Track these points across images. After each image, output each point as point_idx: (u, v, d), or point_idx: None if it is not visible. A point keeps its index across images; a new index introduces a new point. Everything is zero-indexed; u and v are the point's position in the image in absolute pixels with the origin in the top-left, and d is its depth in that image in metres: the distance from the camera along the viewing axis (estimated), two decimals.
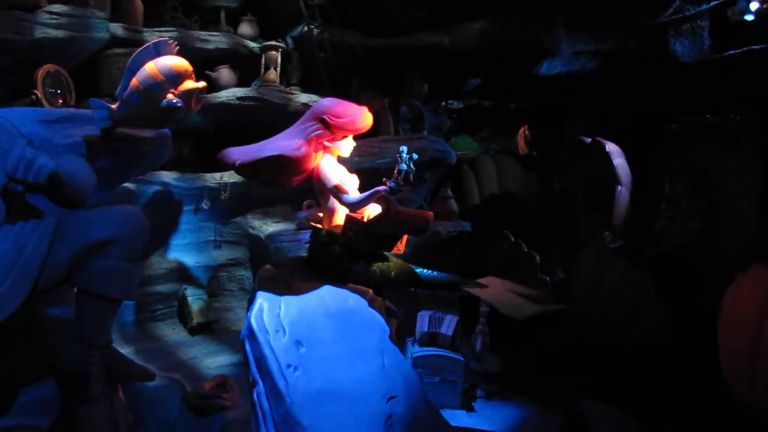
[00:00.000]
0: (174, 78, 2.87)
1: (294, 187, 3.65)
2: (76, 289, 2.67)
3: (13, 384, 3.02)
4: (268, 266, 3.71)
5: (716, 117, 4.02)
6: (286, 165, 3.39)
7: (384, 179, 3.27)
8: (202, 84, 2.98)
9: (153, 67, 2.85)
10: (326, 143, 3.43)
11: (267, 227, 5.46)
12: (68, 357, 2.64)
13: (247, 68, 5.57)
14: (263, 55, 5.61)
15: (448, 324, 4.77)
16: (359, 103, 3.55)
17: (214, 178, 5.41)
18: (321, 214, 3.72)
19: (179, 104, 2.85)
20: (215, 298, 5.69)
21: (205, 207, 5.32)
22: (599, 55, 6.45)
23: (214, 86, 5.41)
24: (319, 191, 3.60)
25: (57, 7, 4.60)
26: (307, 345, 3.19)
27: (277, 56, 5.55)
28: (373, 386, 3.17)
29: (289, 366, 3.08)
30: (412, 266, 3.58)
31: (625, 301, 4.05)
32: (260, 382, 3.15)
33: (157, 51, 2.91)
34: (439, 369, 4.61)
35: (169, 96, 2.86)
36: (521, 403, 4.56)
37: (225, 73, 5.42)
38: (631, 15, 6.05)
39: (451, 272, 3.82)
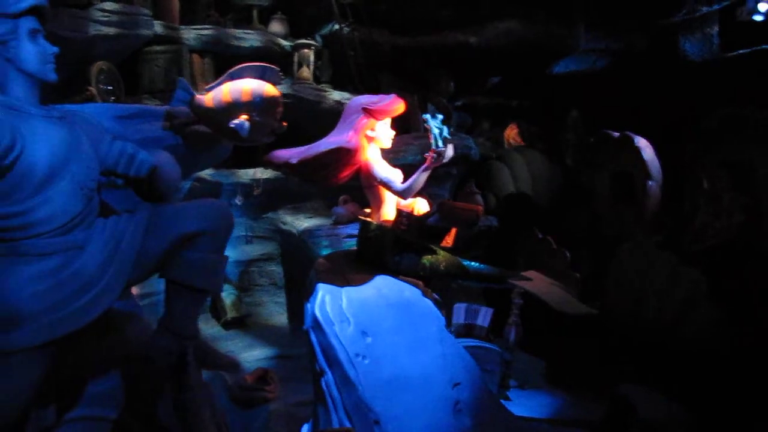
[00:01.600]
0: (259, 105, 2.96)
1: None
2: (164, 281, 2.74)
3: (83, 375, 3.10)
4: (322, 260, 3.80)
5: (758, 109, 4.08)
6: (339, 159, 3.50)
7: (424, 155, 3.38)
8: (281, 125, 3.06)
9: (248, 86, 2.94)
10: (369, 132, 3.53)
11: (299, 223, 5.55)
12: (159, 348, 2.71)
13: (278, 66, 5.63)
14: (295, 53, 5.69)
15: (484, 316, 4.88)
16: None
17: (247, 174, 5.50)
18: (368, 209, 3.81)
19: (242, 132, 2.94)
20: (246, 293, 5.77)
21: (238, 203, 5.39)
22: (609, 53, 6.58)
23: None
24: (367, 185, 3.69)
25: (108, 5, 4.70)
26: (372, 335, 3.27)
27: (310, 54, 5.64)
28: (437, 373, 3.27)
29: (357, 355, 3.18)
30: (460, 259, 3.68)
31: (675, 298, 4.10)
32: (328, 372, 3.24)
33: (262, 74, 2.99)
34: (476, 359, 4.71)
35: (243, 118, 2.94)
36: (554, 392, 4.67)
37: None
38: (644, 14, 6.17)
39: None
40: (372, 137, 3.53)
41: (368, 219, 3.74)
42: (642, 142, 5.01)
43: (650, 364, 3.94)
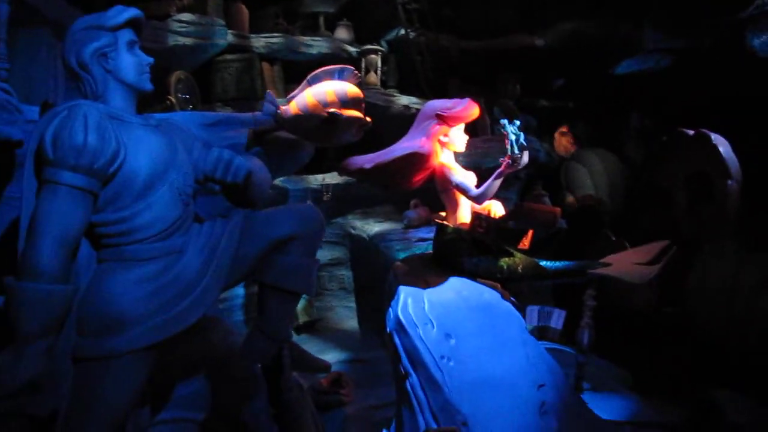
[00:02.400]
0: (344, 104, 3.00)
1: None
2: (257, 285, 2.79)
3: (173, 378, 3.18)
4: (400, 263, 3.82)
5: None
6: (413, 164, 3.53)
7: (500, 159, 3.38)
8: (367, 119, 3.11)
9: (330, 87, 2.99)
10: (443, 138, 3.55)
11: (369, 227, 5.59)
12: (255, 350, 2.77)
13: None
14: (362, 59, 5.75)
15: (557, 318, 4.85)
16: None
17: (316, 180, 5.56)
18: (443, 213, 3.82)
19: (340, 116, 2.98)
20: (316, 298, 5.84)
21: None
22: (675, 52, 6.48)
23: None
24: (442, 189, 3.71)
25: (185, 16, 4.84)
26: (455, 337, 3.29)
27: (377, 60, 5.69)
28: (522, 375, 3.27)
29: (442, 357, 3.19)
30: (536, 260, 3.67)
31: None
32: (413, 374, 3.25)
33: (340, 75, 3.05)
34: None
35: (333, 108, 2.98)
36: (629, 396, 4.60)
37: None
38: (710, 12, 6.06)
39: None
40: (445, 142, 3.54)
41: (444, 222, 3.75)
42: (719, 140, 4.84)
43: (738, 368, 3.85)
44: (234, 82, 5.40)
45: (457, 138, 3.60)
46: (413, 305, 3.40)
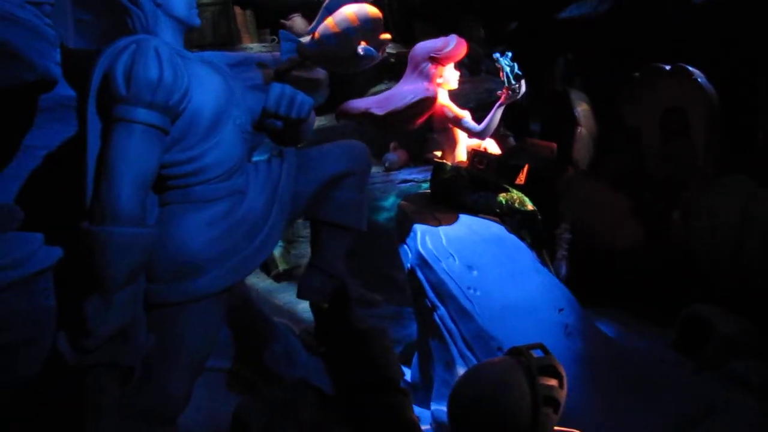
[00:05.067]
0: (369, 26, 3.01)
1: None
2: (310, 222, 2.80)
3: None
4: (405, 202, 3.89)
5: None
6: (422, 109, 3.58)
7: (497, 93, 3.48)
8: (389, 36, 3.12)
9: (352, 12, 2.98)
10: (438, 79, 3.62)
11: None
12: (311, 288, 2.78)
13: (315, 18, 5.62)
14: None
15: None
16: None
17: None
18: (438, 152, 3.90)
19: (376, 55, 2.99)
20: (291, 245, 5.81)
21: None
22: None
23: None
24: (440, 128, 3.79)
25: None
26: (476, 268, 3.42)
27: None
28: (542, 300, 3.43)
29: (469, 288, 3.31)
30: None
31: None
32: (441, 306, 3.37)
33: None
34: None
35: (363, 44, 2.98)
36: (608, 318, 4.77)
37: (298, 21, 5.47)
38: None
39: None
40: (441, 83, 3.60)
41: (442, 161, 3.82)
42: (697, 72, 4.80)
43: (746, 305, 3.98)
44: (210, 27, 5.26)
45: (451, 76, 3.67)
46: (431, 241, 3.49)
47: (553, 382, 2.05)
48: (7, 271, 2.04)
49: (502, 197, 3.77)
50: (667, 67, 4.97)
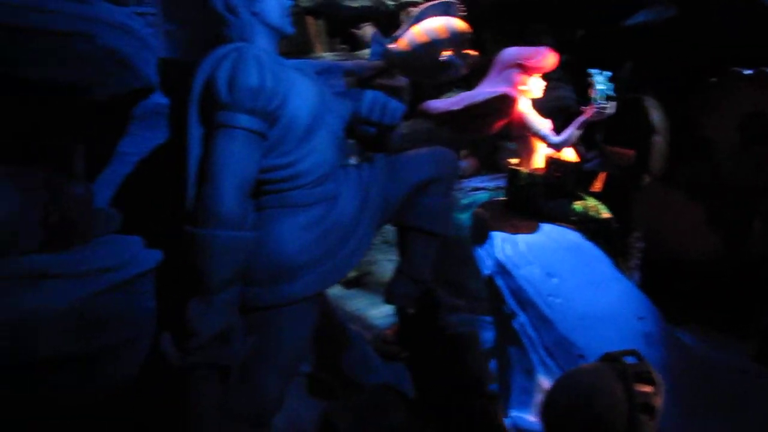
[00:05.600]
0: (457, 39, 3.03)
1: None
2: (398, 228, 2.81)
3: None
4: (480, 210, 3.88)
5: None
6: (499, 109, 3.58)
7: (581, 108, 3.45)
8: (475, 53, 3.14)
9: (441, 24, 3.01)
10: (521, 86, 3.60)
11: None
12: (399, 294, 2.80)
13: (387, 26, 5.68)
14: (401, 13, 5.72)
15: None
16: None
17: None
18: (514, 160, 3.88)
19: (460, 64, 3.01)
20: None
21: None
22: (677, 2, 6.47)
23: (358, 44, 5.52)
24: (518, 135, 3.77)
25: None
26: (556, 275, 3.38)
27: (417, 12, 5.64)
28: (623, 309, 3.38)
29: (549, 295, 3.27)
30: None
31: None
32: (521, 313, 3.34)
33: (445, 10, 3.06)
34: None
35: (448, 53, 3.00)
36: (685, 328, 4.67)
37: (369, 31, 5.52)
38: None
39: None
40: (524, 90, 3.59)
41: (517, 168, 3.81)
42: None
43: None
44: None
45: (536, 86, 3.65)
46: (510, 248, 3.46)
47: (649, 388, 2.02)
48: (111, 273, 2.10)
49: (577, 205, 3.73)
50: (747, 72, 4.85)
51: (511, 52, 3.61)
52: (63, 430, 2.25)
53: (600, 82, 3.37)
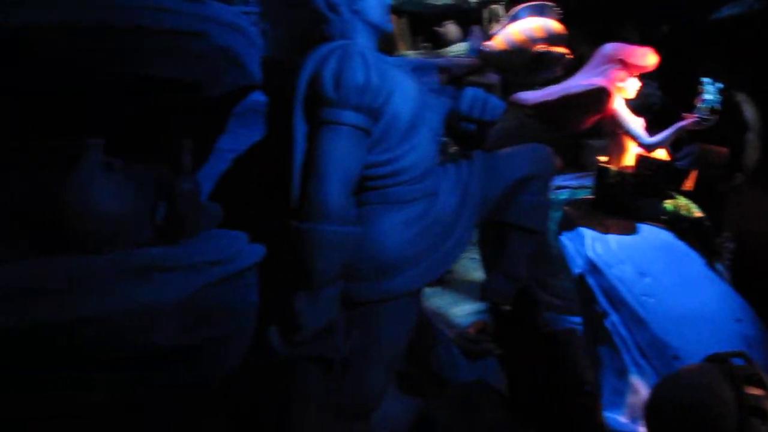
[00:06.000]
0: (553, 40, 3.01)
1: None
2: (494, 225, 2.80)
3: None
4: (568, 208, 3.83)
5: None
6: (593, 104, 3.51)
7: (683, 114, 3.36)
8: (570, 54, 3.11)
9: (539, 24, 3.00)
10: (618, 84, 3.53)
11: None
12: (494, 291, 2.79)
13: (469, 24, 5.68)
14: (484, 10, 5.71)
15: None
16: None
17: None
18: (603, 158, 3.82)
19: (556, 64, 2.98)
20: None
21: None
22: None
23: (441, 41, 5.52)
24: (610, 132, 3.70)
25: None
26: (649, 275, 3.31)
27: (500, 9, 5.64)
28: (719, 310, 3.30)
29: (642, 294, 3.21)
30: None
31: None
32: (613, 313, 3.30)
33: (542, 11, 3.04)
34: None
35: (542, 47, 2.98)
36: None
37: (452, 29, 5.52)
38: None
39: None
40: (621, 88, 3.53)
41: (606, 165, 3.74)
42: None
43: None
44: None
45: (632, 85, 3.59)
46: (601, 246, 3.42)
47: (760, 392, 1.96)
48: (220, 266, 2.14)
49: (668, 204, 3.65)
50: None
51: (614, 47, 3.56)
52: (170, 418, 2.30)
53: (710, 92, 3.30)
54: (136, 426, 2.24)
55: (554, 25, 3.11)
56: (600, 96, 3.40)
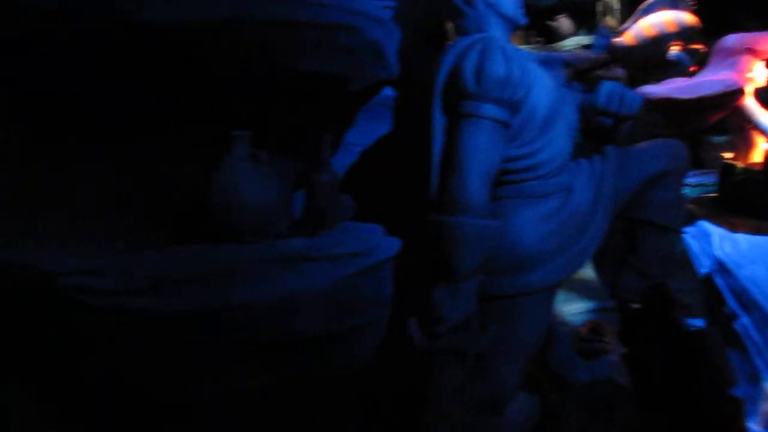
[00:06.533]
0: (686, 34, 2.92)
1: None
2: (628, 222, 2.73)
3: None
4: (693, 205, 3.72)
5: None
6: (726, 100, 3.39)
7: None
8: (703, 47, 3.01)
9: (671, 18, 2.91)
10: (747, 74, 3.40)
11: None
12: (628, 288, 2.73)
13: (581, 18, 5.55)
14: (597, 2, 5.57)
15: None
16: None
17: None
18: (728, 154, 3.69)
19: (686, 62, 2.89)
20: None
21: None
22: None
23: (554, 35, 5.41)
24: (737, 127, 3.57)
25: None
26: None
27: (614, 2, 5.50)
28: None
29: None
30: None
31: None
32: (744, 315, 3.18)
33: (674, 3, 2.96)
34: None
35: (675, 49, 2.89)
36: None
37: (564, 23, 5.41)
38: None
39: None
40: (750, 78, 3.39)
41: (733, 162, 3.61)
42: None
43: None
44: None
45: (761, 74, 3.45)
46: (730, 246, 3.30)
47: None
48: (361, 258, 2.16)
49: None
50: None
51: (738, 38, 3.45)
52: (303, 407, 2.34)
53: None
54: (272, 413, 2.29)
55: (687, 17, 3.01)
56: (735, 94, 3.28)
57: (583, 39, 5.46)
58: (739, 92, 3.36)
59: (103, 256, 1.96)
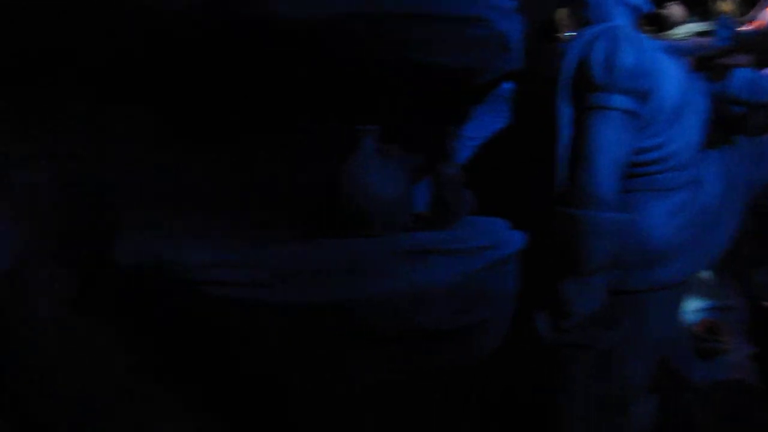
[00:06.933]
0: None
1: None
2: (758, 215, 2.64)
3: None
4: None
5: None
6: None
7: None
8: None
9: None
10: None
11: None
12: (763, 283, 2.63)
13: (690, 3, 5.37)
14: None
15: None
16: None
17: None
18: None
19: None
20: None
21: None
22: None
23: (665, 23, 5.25)
24: None
25: None
26: None
27: None
28: None
29: None
30: None
31: None
32: None
33: None
34: None
35: None
36: None
37: (676, 10, 5.24)
38: None
39: None
40: None
41: None
42: None
43: None
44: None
45: None
46: None
47: None
48: (488, 251, 2.15)
49: None
50: None
51: None
52: (425, 401, 2.35)
53: None
54: (395, 406, 2.31)
55: None
56: None
57: (695, 26, 5.28)
58: None
59: (235, 250, 2.01)
